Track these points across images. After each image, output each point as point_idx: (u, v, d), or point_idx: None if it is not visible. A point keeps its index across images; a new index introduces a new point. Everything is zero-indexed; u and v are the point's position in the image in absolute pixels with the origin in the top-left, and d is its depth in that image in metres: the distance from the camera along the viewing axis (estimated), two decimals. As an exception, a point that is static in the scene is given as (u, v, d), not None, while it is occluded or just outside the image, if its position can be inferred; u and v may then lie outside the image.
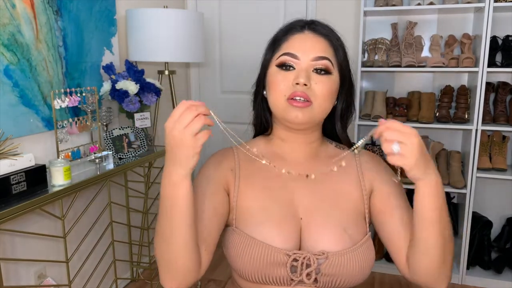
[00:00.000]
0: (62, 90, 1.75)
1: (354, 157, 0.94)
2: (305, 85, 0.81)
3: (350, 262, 0.82)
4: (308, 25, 0.88)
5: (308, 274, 0.81)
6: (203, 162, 0.95)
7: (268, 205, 0.86)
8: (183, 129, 0.67)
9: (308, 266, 0.81)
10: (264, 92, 0.91)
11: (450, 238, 0.79)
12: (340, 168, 0.85)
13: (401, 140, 0.68)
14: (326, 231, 0.85)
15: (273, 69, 0.87)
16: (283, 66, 0.85)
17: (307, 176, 0.85)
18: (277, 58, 0.86)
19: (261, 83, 0.92)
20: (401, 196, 0.90)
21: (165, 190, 0.75)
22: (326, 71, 0.84)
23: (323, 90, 0.83)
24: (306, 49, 0.84)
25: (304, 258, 0.81)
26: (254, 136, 1.00)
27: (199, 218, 0.83)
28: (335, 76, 0.86)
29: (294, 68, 0.84)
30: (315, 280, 0.82)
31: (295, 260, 0.81)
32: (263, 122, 0.95)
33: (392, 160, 0.69)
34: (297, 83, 0.81)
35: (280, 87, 0.84)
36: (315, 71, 0.84)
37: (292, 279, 0.82)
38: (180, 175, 0.71)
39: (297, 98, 0.81)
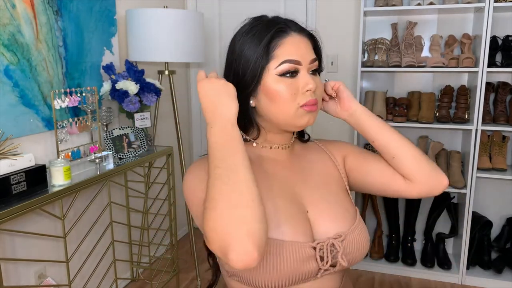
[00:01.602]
0: (62, 90, 1.75)
1: (317, 144, 1.01)
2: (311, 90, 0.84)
3: (361, 236, 0.87)
4: (287, 25, 0.86)
5: (333, 259, 0.82)
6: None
7: (278, 205, 0.84)
8: (213, 77, 0.80)
9: (332, 252, 0.82)
10: (251, 102, 0.86)
11: (408, 141, 0.94)
12: (314, 155, 0.97)
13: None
14: (332, 216, 0.88)
15: (273, 78, 0.82)
16: (287, 74, 0.82)
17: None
18: (276, 67, 0.81)
19: (247, 92, 0.84)
20: (358, 147, 1.03)
21: (220, 139, 0.74)
22: (318, 71, 0.88)
23: (321, 90, 0.89)
24: (303, 53, 0.83)
25: (327, 244, 0.82)
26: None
27: None
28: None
29: (296, 74, 0.83)
30: (336, 263, 0.83)
31: (320, 249, 0.81)
32: (243, 125, 0.89)
33: (328, 86, 0.94)
34: (308, 90, 0.82)
35: (289, 95, 0.82)
36: (310, 72, 0.85)
37: (320, 268, 0.81)
38: (228, 121, 0.76)
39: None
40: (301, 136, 1.01)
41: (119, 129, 1.97)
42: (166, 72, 2.23)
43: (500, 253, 2.47)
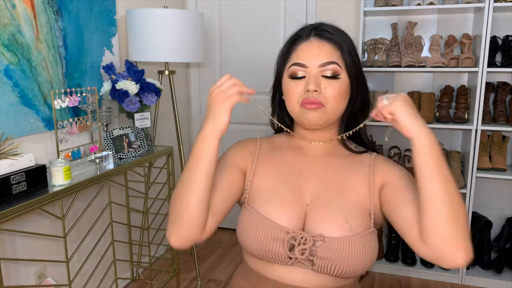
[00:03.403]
0: (62, 90, 1.75)
1: (370, 158, 0.99)
2: (315, 91, 0.88)
3: (347, 250, 0.85)
4: (314, 30, 0.93)
5: (302, 252, 0.87)
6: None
7: (278, 187, 0.95)
8: (220, 91, 0.83)
9: (311, 250, 0.87)
10: (282, 97, 0.98)
11: (456, 194, 0.78)
12: (352, 164, 0.96)
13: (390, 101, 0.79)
14: (327, 218, 0.90)
15: (285, 79, 0.94)
16: (294, 75, 0.91)
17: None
18: (287, 69, 0.93)
19: (277, 89, 1.00)
20: (412, 182, 0.89)
21: (196, 145, 0.85)
22: (334, 75, 0.90)
23: (333, 94, 0.90)
24: (313, 57, 0.90)
25: (302, 238, 0.87)
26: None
27: (212, 188, 0.90)
28: (344, 77, 0.91)
29: (305, 76, 0.91)
30: (312, 262, 0.87)
31: (294, 238, 0.87)
32: (281, 122, 1.03)
33: (384, 111, 0.79)
34: (308, 90, 0.89)
35: (293, 95, 0.91)
36: (324, 76, 0.90)
37: (289, 257, 0.88)
38: (211, 131, 0.83)
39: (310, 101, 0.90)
40: (361, 144, 1.03)
41: (119, 129, 1.97)
42: (166, 72, 2.23)
43: (500, 253, 2.47)
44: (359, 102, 0.97)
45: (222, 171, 0.96)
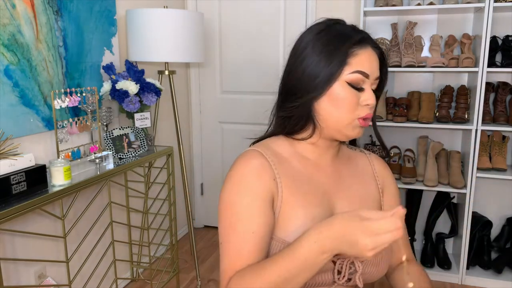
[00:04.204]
0: (62, 90, 1.75)
1: (367, 160, 0.98)
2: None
3: (382, 259, 0.88)
4: (365, 36, 0.85)
5: (349, 278, 0.83)
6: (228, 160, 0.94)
7: (312, 211, 0.84)
8: (377, 244, 0.63)
9: (350, 268, 0.84)
10: (315, 103, 0.85)
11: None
12: (356, 167, 0.94)
13: None
14: None
15: (341, 84, 0.82)
16: (354, 84, 0.82)
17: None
18: (348, 74, 0.81)
19: (316, 94, 0.83)
20: (398, 195, 0.99)
21: (311, 254, 0.69)
22: (377, 90, 0.88)
23: (375, 107, 0.88)
24: (373, 69, 0.84)
25: (348, 261, 0.83)
26: (269, 134, 0.96)
27: (251, 240, 0.79)
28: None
29: (363, 87, 0.83)
30: (351, 279, 0.85)
31: (340, 266, 0.83)
32: (297, 124, 0.89)
33: None
34: (368, 104, 0.83)
35: (351, 105, 0.82)
36: (373, 89, 0.86)
37: (334, 281, 0.84)
38: (332, 254, 0.69)
39: (367, 119, 0.85)
40: (351, 143, 1.03)
41: (119, 129, 1.97)
42: (166, 72, 2.23)
43: (500, 253, 2.47)
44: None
45: (254, 217, 0.80)
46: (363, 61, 0.81)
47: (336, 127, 0.85)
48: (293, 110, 0.86)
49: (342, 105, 0.82)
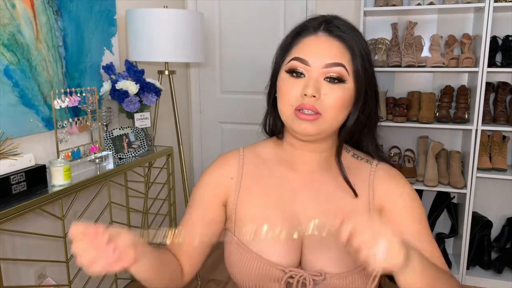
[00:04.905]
0: (62, 90, 1.75)
1: (370, 170, 0.85)
2: (314, 96, 0.74)
3: (350, 286, 0.77)
4: (325, 23, 0.80)
5: None
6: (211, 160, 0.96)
7: (268, 214, 0.82)
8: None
9: (304, 285, 0.78)
10: (276, 95, 0.83)
11: None
12: (350, 179, 0.82)
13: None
14: (328, 251, 0.79)
15: (282, 74, 0.79)
16: (293, 72, 0.77)
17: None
18: (286, 63, 0.78)
19: (272, 85, 0.84)
20: (412, 215, 0.81)
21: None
22: (339, 79, 0.76)
23: (334, 102, 0.75)
24: (318, 55, 0.76)
25: (300, 276, 0.78)
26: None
27: (188, 230, 0.85)
28: (349, 84, 0.77)
29: (305, 76, 0.76)
30: None
31: (291, 277, 0.78)
32: (269, 124, 0.89)
33: (377, 265, 0.58)
34: (305, 94, 0.74)
35: (288, 96, 0.77)
36: (327, 79, 0.75)
37: None
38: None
39: (305, 110, 0.74)
40: (362, 149, 0.89)
41: (119, 129, 1.97)
42: (166, 72, 2.23)
43: (500, 253, 2.47)
44: (365, 118, 0.82)
45: (196, 209, 0.86)
46: (304, 48, 0.77)
47: (285, 122, 0.80)
48: (269, 106, 0.89)
49: (281, 96, 0.79)
